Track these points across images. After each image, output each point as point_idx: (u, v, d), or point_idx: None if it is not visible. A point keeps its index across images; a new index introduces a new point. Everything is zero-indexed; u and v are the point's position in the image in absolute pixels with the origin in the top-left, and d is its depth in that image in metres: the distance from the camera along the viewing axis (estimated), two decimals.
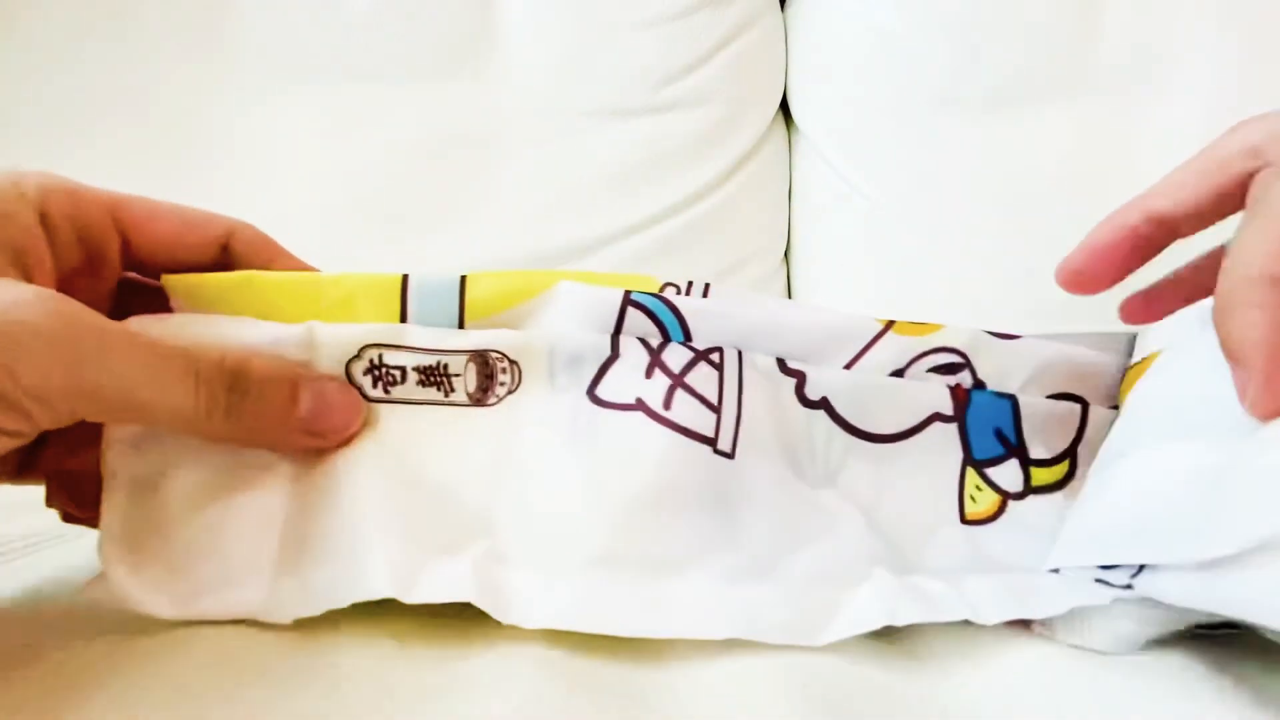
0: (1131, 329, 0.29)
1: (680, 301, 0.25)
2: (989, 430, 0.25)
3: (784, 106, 0.69)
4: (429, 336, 0.24)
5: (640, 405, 0.23)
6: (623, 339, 0.24)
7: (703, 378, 0.24)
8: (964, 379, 0.26)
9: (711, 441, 0.23)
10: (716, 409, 0.24)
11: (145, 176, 0.58)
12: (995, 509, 0.25)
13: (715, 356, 0.24)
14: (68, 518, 0.24)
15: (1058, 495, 0.25)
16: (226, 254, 0.25)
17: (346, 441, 0.23)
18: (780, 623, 0.21)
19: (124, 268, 0.25)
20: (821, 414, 0.25)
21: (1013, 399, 0.26)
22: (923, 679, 0.22)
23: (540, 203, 0.61)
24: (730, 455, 0.23)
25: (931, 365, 0.26)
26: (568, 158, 0.62)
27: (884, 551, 0.23)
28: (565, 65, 0.62)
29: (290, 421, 0.22)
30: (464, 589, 0.21)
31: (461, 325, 0.24)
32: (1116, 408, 0.27)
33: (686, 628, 0.21)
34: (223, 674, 0.21)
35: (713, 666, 0.22)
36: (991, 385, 0.27)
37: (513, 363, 0.24)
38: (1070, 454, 0.26)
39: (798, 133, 0.69)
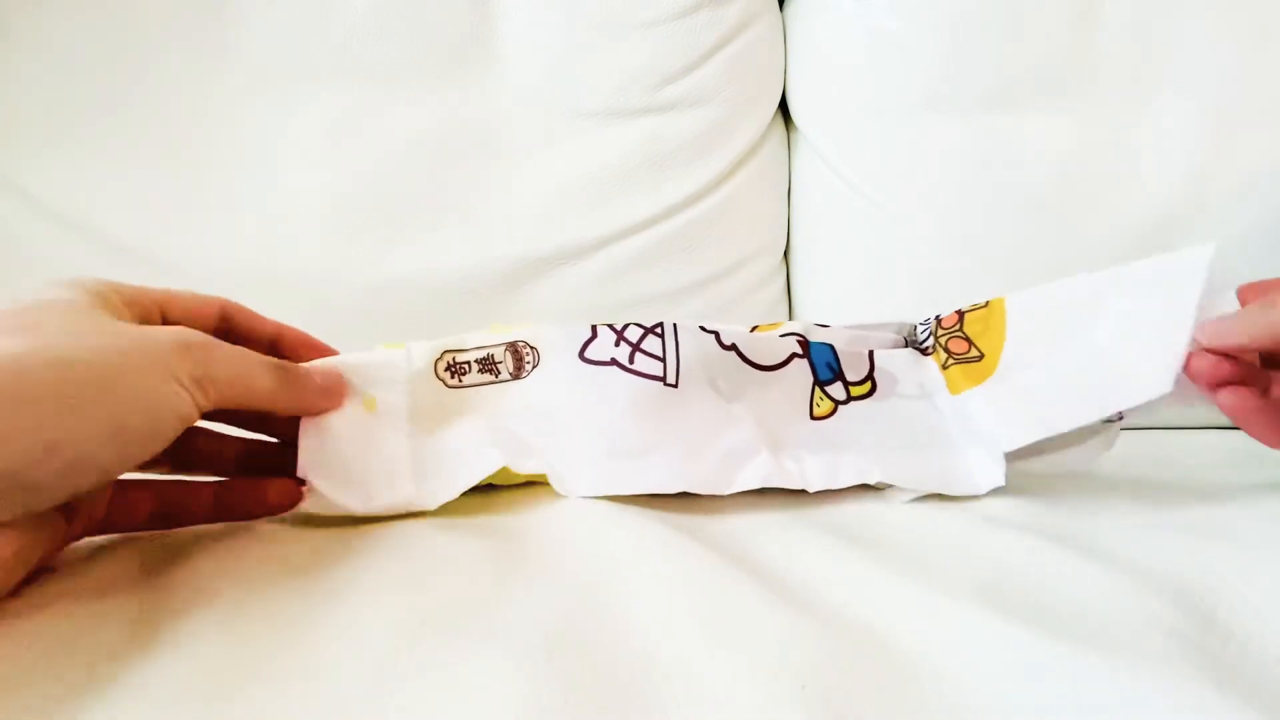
0: (911, 319, 0.45)
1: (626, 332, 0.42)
2: (824, 363, 0.41)
3: (783, 106, 0.69)
4: (480, 339, 0.38)
5: (614, 362, 0.38)
6: (598, 327, 0.39)
7: (651, 343, 0.38)
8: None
9: (661, 379, 0.38)
10: (662, 359, 0.38)
11: (146, 176, 0.59)
12: (830, 410, 0.40)
13: (659, 329, 0.39)
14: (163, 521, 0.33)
15: (869, 400, 0.41)
16: (225, 321, 0.34)
17: (343, 398, 0.34)
18: (706, 480, 0.36)
19: None
20: (733, 354, 0.40)
21: (831, 346, 0.42)
22: (923, 679, 0.22)
23: (540, 203, 0.61)
24: (675, 386, 0.38)
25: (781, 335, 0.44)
26: (568, 158, 0.62)
27: (767, 438, 0.38)
28: (565, 65, 0.62)
29: (316, 389, 0.33)
30: (543, 469, 0.36)
31: None
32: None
33: (659, 485, 0.35)
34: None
35: (712, 666, 0.22)
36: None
37: (533, 348, 0.38)
38: (869, 378, 0.41)
39: (797, 133, 0.69)
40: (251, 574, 0.27)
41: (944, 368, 0.41)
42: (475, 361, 0.38)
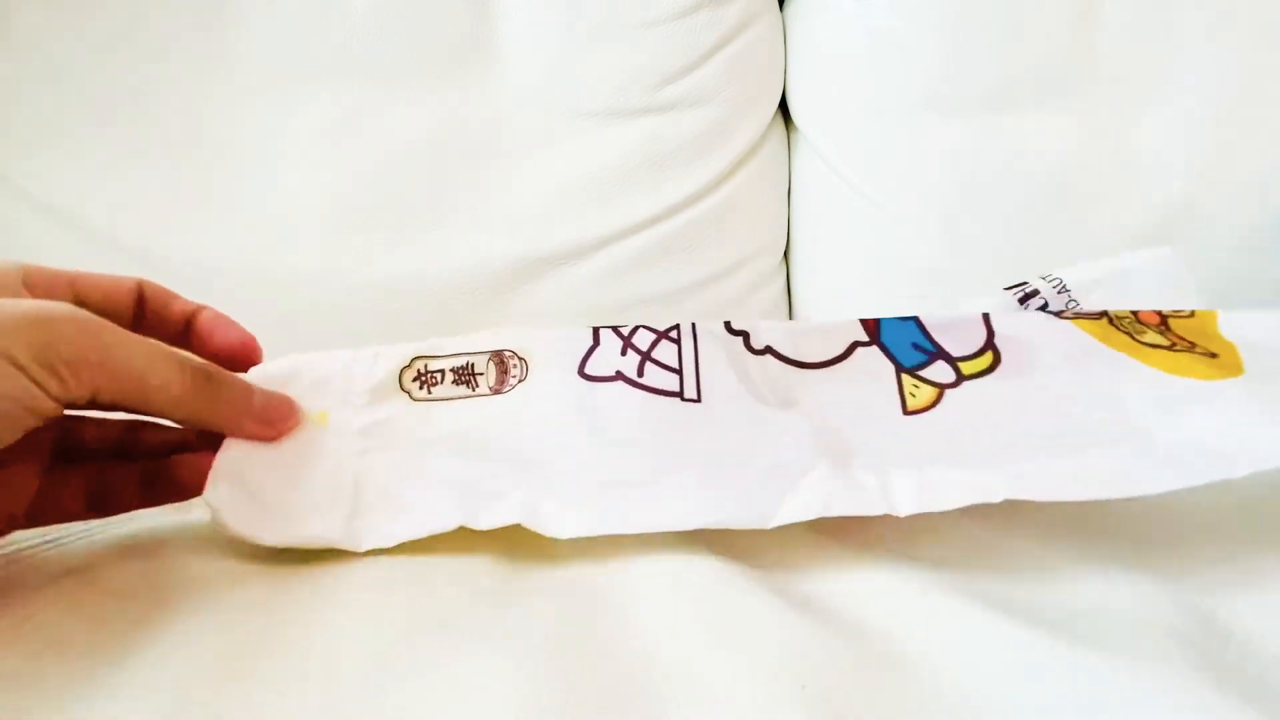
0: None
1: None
2: (906, 345, 0.31)
3: (783, 106, 0.69)
4: (459, 343, 0.32)
5: (620, 376, 0.31)
6: (601, 331, 0.32)
7: (664, 351, 0.32)
8: None
9: (678, 394, 0.31)
10: (678, 370, 0.31)
11: (146, 176, 0.58)
12: (935, 398, 0.30)
13: (673, 334, 0.32)
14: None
15: (993, 378, 0.30)
16: (140, 302, 0.30)
17: (287, 432, 0.29)
18: (739, 513, 0.27)
19: None
20: (769, 357, 0.32)
21: (915, 318, 0.32)
22: (924, 681, 0.22)
23: (540, 203, 0.61)
24: (698, 400, 0.30)
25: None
26: (568, 158, 0.62)
27: (831, 447, 0.28)
28: (565, 65, 0.62)
29: (248, 409, 0.28)
30: (514, 517, 0.27)
31: None
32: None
33: (672, 520, 0.27)
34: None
35: (713, 666, 0.22)
36: None
37: (521, 359, 0.31)
38: (989, 345, 0.31)
39: (797, 133, 0.69)
40: (249, 573, 0.27)
41: (1141, 342, 0.31)
42: (450, 370, 0.31)
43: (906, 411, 0.30)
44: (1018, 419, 0.29)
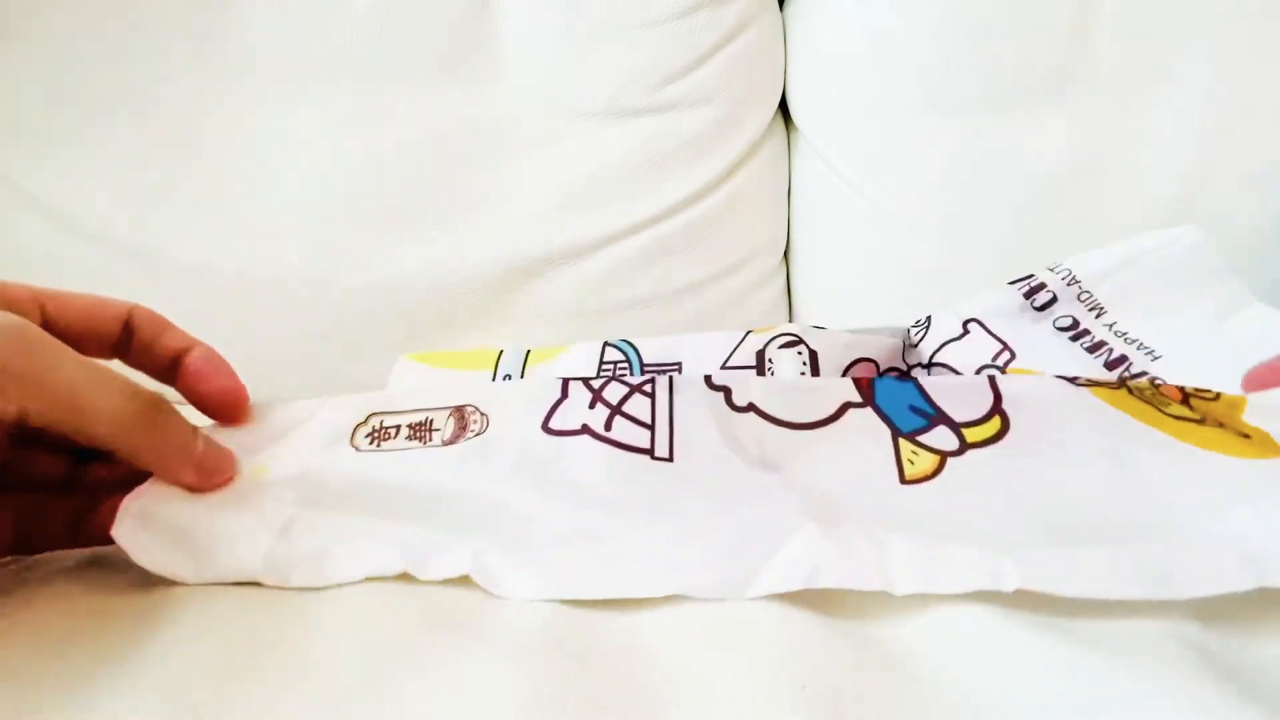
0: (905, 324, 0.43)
1: (637, 340, 0.43)
2: (903, 409, 0.28)
3: (783, 106, 0.69)
4: (420, 398, 0.30)
5: (586, 430, 0.29)
6: (571, 384, 0.30)
7: (637, 404, 0.29)
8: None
9: (648, 451, 0.28)
10: (650, 426, 0.29)
11: (146, 176, 0.59)
12: (936, 466, 0.27)
13: (647, 388, 0.30)
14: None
15: (1000, 447, 0.27)
16: (128, 329, 0.28)
17: (220, 486, 0.27)
18: (711, 581, 0.24)
19: None
20: (751, 415, 0.29)
21: (914, 380, 0.30)
22: (924, 681, 0.22)
23: (540, 203, 0.61)
24: (669, 459, 0.28)
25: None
26: (568, 158, 0.62)
27: (819, 513, 0.25)
28: (564, 65, 0.62)
29: (188, 454, 0.26)
30: (463, 568, 0.25)
31: (523, 374, 0.45)
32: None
33: (634, 585, 0.24)
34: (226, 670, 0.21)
35: (713, 666, 0.22)
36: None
37: (483, 414, 0.30)
38: (996, 410, 0.28)
39: (797, 133, 0.69)
40: None
41: (1168, 414, 0.28)
42: (407, 426, 0.29)
43: (904, 480, 0.26)
44: (1031, 496, 0.25)
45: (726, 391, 0.30)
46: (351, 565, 0.25)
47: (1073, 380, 0.29)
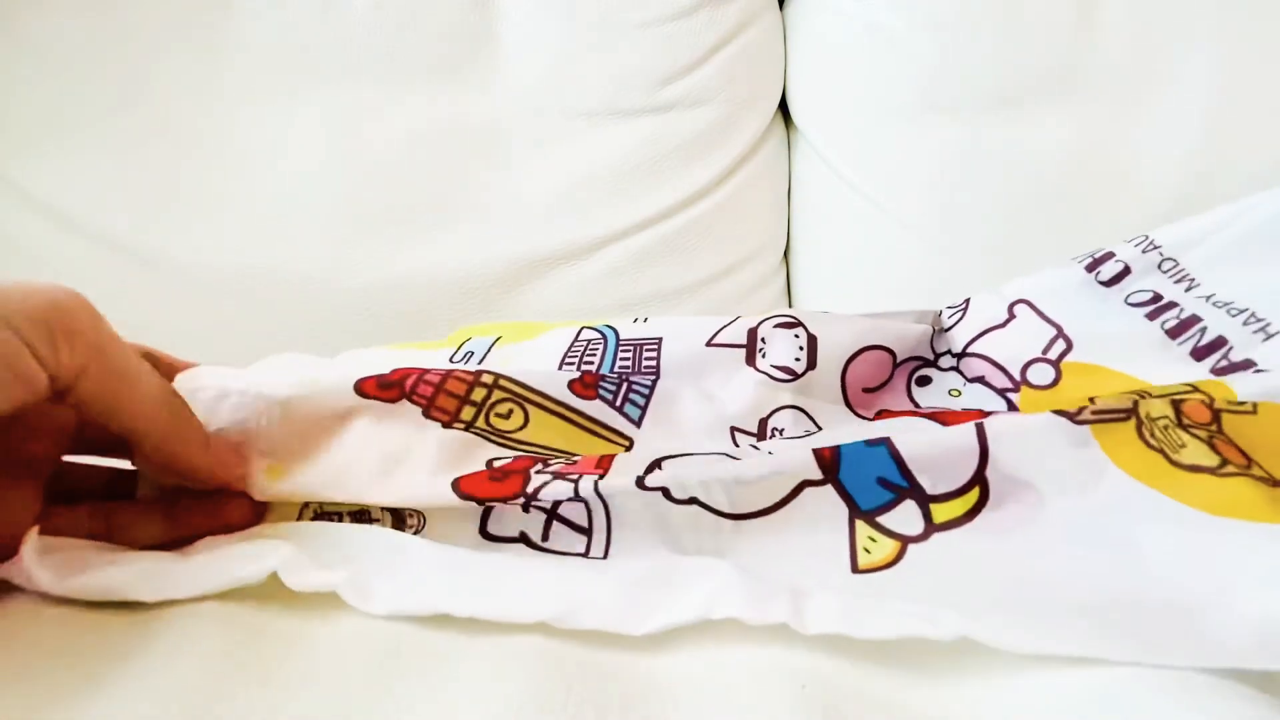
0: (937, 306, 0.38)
1: (619, 325, 0.39)
2: (869, 482, 0.25)
3: (783, 106, 0.69)
4: (353, 493, 0.28)
5: (523, 538, 0.28)
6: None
7: (574, 511, 0.28)
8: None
9: (582, 554, 0.27)
10: (587, 530, 0.28)
11: (146, 176, 0.58)
12: (894, 555, 0.24)
13: (582, 496, 0.27)
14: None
15: (968, 529, 0.24)
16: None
17: (237, 480, 0.29)
18: (603, 610, 0.23)
19: None
20: (694, 507, 0.27)
21: (885, 441, 0.25)
22: (923, 685, 0.22)
23: (540, 203, 0.61)
24: (604, 557, 0.27)
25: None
26: (568, 158, 0.62)
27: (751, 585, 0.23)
28: (564, 65, 0.62)
29: (205, 443, 0.28)
30: (333, 584, 0.24)
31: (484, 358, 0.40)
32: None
33: (508, 607, 0.23)
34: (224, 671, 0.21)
35: (712, 667, 0.22)
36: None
37: (420, 514, 0.29)
38: (977, 479, 0.24)
39: (797, 133, 0.69)
40: None
41: (1177, 464, 0.24)
42: (348, 514, 0.29)
43: (857, 569, 0.24)
44: (998, 581, 0.23)
45: (664, 491, 0.27)
46: (219, 574, 0.25)
47: (1075, 416, 0.25)
